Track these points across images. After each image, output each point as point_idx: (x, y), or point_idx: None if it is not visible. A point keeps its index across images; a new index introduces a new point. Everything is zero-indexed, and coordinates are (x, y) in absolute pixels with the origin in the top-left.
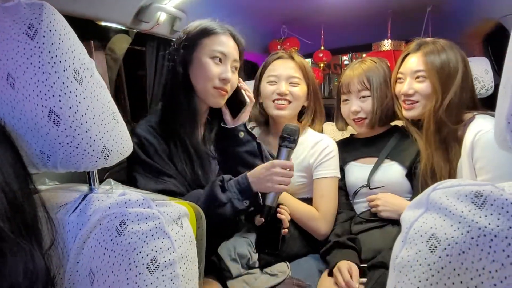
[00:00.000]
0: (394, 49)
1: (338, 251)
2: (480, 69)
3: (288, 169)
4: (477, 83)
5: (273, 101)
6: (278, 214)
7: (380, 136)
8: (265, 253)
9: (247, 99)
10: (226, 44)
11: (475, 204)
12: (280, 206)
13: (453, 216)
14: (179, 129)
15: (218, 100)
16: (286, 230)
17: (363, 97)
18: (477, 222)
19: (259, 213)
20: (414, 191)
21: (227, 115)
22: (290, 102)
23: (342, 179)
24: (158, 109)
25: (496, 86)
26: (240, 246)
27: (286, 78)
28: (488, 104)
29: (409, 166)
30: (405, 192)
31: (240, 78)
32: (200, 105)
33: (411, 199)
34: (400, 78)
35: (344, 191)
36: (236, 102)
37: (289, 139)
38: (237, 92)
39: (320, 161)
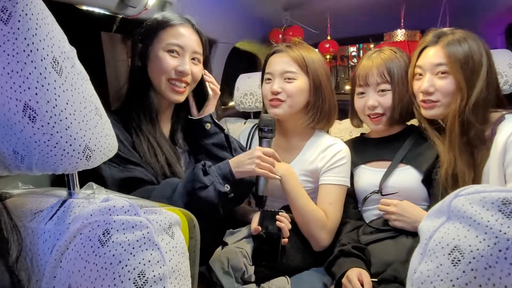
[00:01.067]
0: (408, 39)
1: (344, 259)
2: (503, 62)
3: (271, 157)
4: (499, 77)
5: (270, 100)
6: (277, 222)
7: (395, 137)
8: (262, 266)
9: (210, 92)
10: (183, 36)
11: (502, 213)
12: (280, 213)
13: (478, 226)
14: (139, 124)
15: (175, 96)
16: (286, 240)
17: (382, 90)
18: (505, 233)
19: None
20: (432, 200)
21: (193, 108)
22: (283, 100)
23: (351, 184)
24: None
25: None
26: (234, 258)
27: (280, 74)
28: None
29: (426, 172)
30: (421, 199)
31: (205, 70)
32: (160, 101)
33: (428, 208)
34: (418, 74)
35: (352, 199)
36: (202, 94)
37: (266, 130)
38: (202, 84)
39: (330, 166)
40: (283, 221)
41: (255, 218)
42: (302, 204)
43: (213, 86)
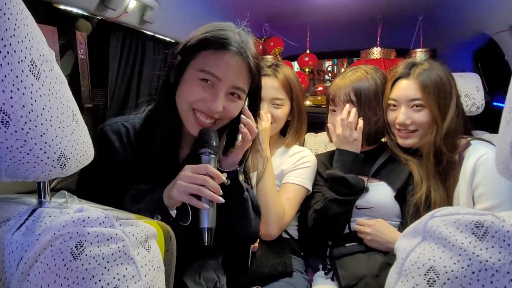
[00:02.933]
0: (384, 57)
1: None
2: (471, 85)
3: (205, 175)
4: (467, 100)
5: None
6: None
7: (369, 153)
8: (234, 273)
9: (239, 138)
10: (225, 66)
11: (475, 235)
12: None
13: (452, 248)
14: (154, 147)
15: (196, 129)
16: (256, 245)
17: (349, 112)
18: (478, 255)
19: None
20: (404, 218)
21: (221, 147)
22: (271, 123)
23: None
24: (142, 112)
25: (486, 104)
26: (206, 269)
27: (269, 100)
28: (477, 122)
29: (399, 188)
30: (393, 215)
31: (246, 108)
32: (185, 129)
33: (400, 225)
34: (392, 105)
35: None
36: (234, 135)
37: (205, 145)
38: (237, 123)
39: (294, 167)
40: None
41: None
42: (270, 189)
43: (244, 130)
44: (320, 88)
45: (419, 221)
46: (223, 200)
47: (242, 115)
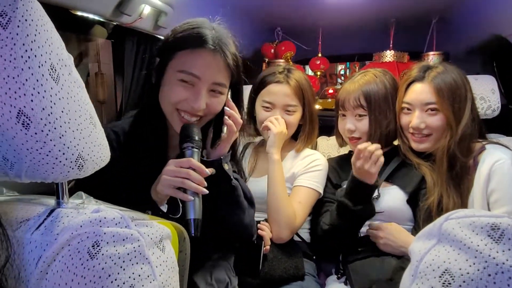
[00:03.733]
0: (397, 60)
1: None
2: (486, 88)
3: (188, 168)
4: (483, 103)
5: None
6: (258, 231)
7: None
8: (245, 275)
9: (224, 130)
10: (203, 64)
11: (491, 238)
12: (261, 222)
13: (468, 250)
14: (142, 149)
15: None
16: (268, 247)
17: (359, 115)
18: (494, 258)
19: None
20: (416, 222)
21: (208, 141)
22: None
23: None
24: (131, 116)
25: (503, 107)
26: (217, 270)
27: (282, 106)
28: (493, 125)
29: (411, 192)
30: (405, 220)
31: (231, 101)
32: (171, 128)
33: (413, 229)
34: (406, 108)
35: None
36: (220, 128)
37: (187, 139)
38: (222, 116)
39: (305, 170)
40: (264, 230)
41: None
42: (280, 193)
43: (229, 122)
44: (331, 91)
45: (434, 223)
46: (207, 191)
47: (226, 108)
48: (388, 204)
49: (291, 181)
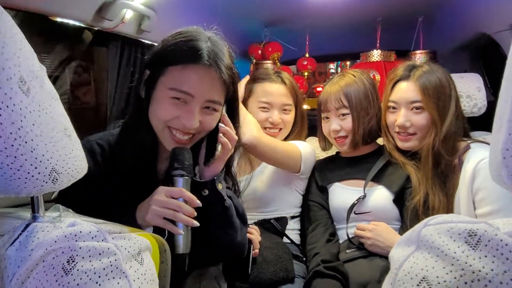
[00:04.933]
0: (384, 60)
1: (319, 281)
2: (472, 86)
3: (180, 199)
4: (469, 101)
5: (265, 128)
6: (248, 234)
7: (366, 156)
8: (234, 279)
9: (219, 148)
10: (196, 82)
11: (468, 244)
12: (250, 226)
13: (445, 257)
14: (129, 163)
15: (173, 146)
16: (257, 251)
17: (343, 114)
18: (470, 265)
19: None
20: (403, 221)
21: (200, 159)
22: (281, 129)
23: (326, 200)
24: (117, 127)
25: (489, 104)
26: (206, 277)
27: (279, 106)
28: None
29: (397, 192)
30: (392, 219)
31: (225, 115)
32: (161, 144)
33: (400, 229)
34: (392, 107)
35: (326, 210)
36: (214, 143)
37: (178, 165)
38: (216, 132)
39: None
40: (253, 233)
41: None
42: (271, 142)
43: (224, 140)
44: (319, 89)
45: (413, 229)
46: (198, 224)
47: (220, 124)
48: (374, 204)
49: (287, 178)
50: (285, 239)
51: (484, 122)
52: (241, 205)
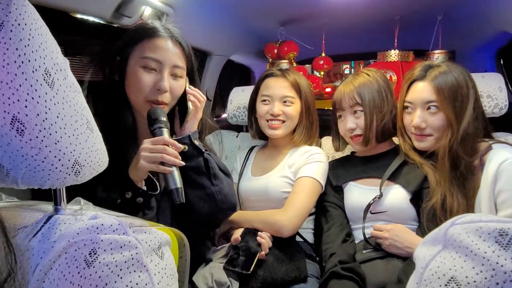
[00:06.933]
0: (401, 60)
1: (336, 282)
2: (493, 86)
3: (162, 144)
4: (490, 101)
5: (267, 120)
6: (258, 238)
7: (383, 155)
8: (235, 272)
9: (190, 106)
10: (161, 49)
11: (499, 244)
12: (263, 232)
13: (475, 257)
14: (115, 137)
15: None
16: (263, 253)
17: (357, 112)
18: (502, 265)
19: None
20: (421, 222)
21: (176, 125)
22: (283, 121)
23: (341, 200)
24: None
25: (511, 104)
26: (218, 273)
27: (280, 98)
28: (501, 123)
29: (414, 191)
30: (409, 219)
31: (189, 84)
32: (139, 118)
33: (417, 229)
34: (407, 107)
35: (341, 210)
36: (185, 110)
37: (155, 121)
38: (185, 99)
39: (304, 163)
40: (265, 238)
41: (238, 231)
42: (248, 216)
43: (193, 99)
44: (328, 90)
45: (439, 228)
46: (183, 163)
47: (187, 88)
48: (391, 203)
49: (294, 175)
50: (298, 238)
51: (505, 123)
52: (221, 162)
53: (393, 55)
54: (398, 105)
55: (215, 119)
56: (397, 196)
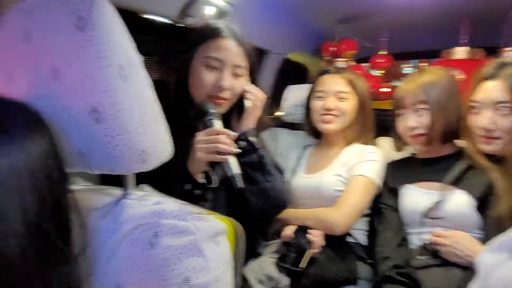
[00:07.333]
0: (470, 57)
1: (389, 287)
2: None
3: (216, 135)
4: None
5: (321, 115)
6: (307, 235)
7: (445, 158)
8: (286, 268)
9: (247, 104)
10: (223, 49)
11: None
12: (309, 230)
13: None
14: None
15: (216, 108)
16: (314, 251)
17: (420, 110)
18: None
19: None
20: (485, 232)
21: (235, 121)
22: (337, 116)
23: (397, 203)
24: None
25: None
26: (268, 267)
27: (334, 93)
28: None
29: (479, 198)
30: (472, 227)
31: (248, 82)
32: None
33: (483, 239)
34: (475, 108)
35: (397, 213)
36: (243, 108)
37: (206, 114)
38: (243, 98)
39: (359, 161)
40: (315, 235)
41: (290, 227)
42: (296, 214)
43: (250, 97)
44: (383, 89)
45: (506, 234)
46: (239, 150)
47: (245, 86)
48: (452, 209)
49: (346, 175)
50: (351, 239)
51: None
52: (275, 159)
53: (460, 52)
54: (464, 105)
55: (269, 116)
56: (459, 201)
